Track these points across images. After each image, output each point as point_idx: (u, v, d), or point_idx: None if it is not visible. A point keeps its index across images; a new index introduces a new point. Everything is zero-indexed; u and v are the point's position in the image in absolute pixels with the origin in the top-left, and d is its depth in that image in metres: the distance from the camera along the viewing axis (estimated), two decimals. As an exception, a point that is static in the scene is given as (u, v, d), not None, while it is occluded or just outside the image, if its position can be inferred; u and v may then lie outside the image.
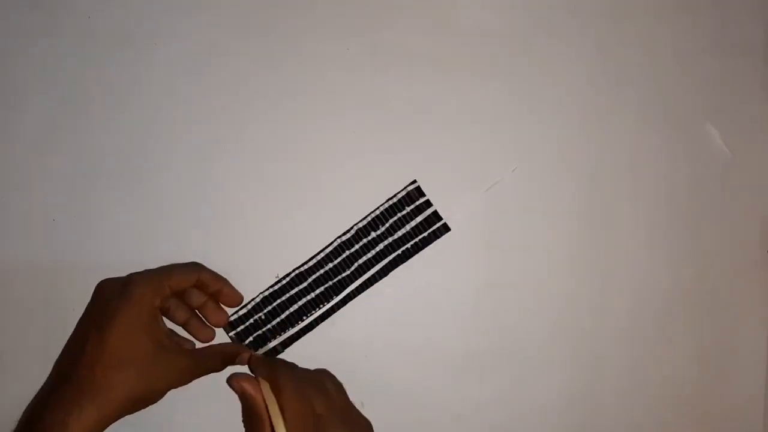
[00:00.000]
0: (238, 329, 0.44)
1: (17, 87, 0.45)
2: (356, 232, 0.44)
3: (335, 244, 0.44)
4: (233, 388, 0.37)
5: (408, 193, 0.44)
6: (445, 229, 0.44)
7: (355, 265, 0.44)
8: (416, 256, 0.44)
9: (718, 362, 0.46)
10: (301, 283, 0.44)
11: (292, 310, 0.44)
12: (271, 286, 0.44)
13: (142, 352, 0.37)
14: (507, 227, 0.45)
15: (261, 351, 0.43)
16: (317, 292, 0.44)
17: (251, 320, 0.43)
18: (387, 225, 0.44)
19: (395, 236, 0.44)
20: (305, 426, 0.35)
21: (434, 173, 0.46)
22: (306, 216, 0.45)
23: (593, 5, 0.46)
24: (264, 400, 0.36)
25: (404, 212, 0.44)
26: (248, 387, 0.37)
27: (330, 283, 0.44)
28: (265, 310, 0.44)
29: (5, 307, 0.45)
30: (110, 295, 0.38)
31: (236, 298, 0.42)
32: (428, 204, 0.44)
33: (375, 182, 0.45)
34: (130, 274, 0.40)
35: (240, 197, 0.45)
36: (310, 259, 0.44)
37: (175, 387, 0.38)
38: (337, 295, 0.44)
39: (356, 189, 0.45)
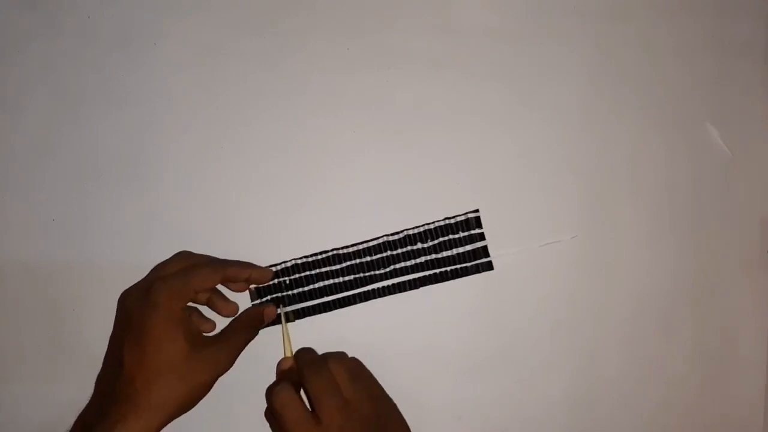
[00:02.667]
0: (260, 285, 0.44)
1: (17, 87, 0.45)
2: (404, 237, 0.44)
3: (381, 240, 0.44)
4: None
5: (467, 220, 0.44)
6: (489, 267, 0.44)
7: (392, 267, 0.44)
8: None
9: (717, 362, 0.46)
10: (334, 264, 0.44)
11: (316, 285, 0.44)
12: (306, 257, 0.44)
13: (178, 356, 0.37)
14: (506, 224, 0.45)
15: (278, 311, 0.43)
16: (347, 278, 0.44)
17: (276, 281, 0.43)
18: (436, 242, 0.44)
19: (439, 255, 0.44)
20: (337, 415, 0.36)
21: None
22: (305, 217, 0.45)
23: (593, 5, 0.46)
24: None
25: (456, 236, 0.44)
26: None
27: (362, 274, 0.44)
28: (292, 277, 0.44)
29: (5, 307, 0.45)
30: (134, 305, 0.38)
31: (266, 277, 0.43)
32: (481, 237, 0.44)
33: (372, 185, 0.46)
34: (151, 277, 0.40)
35: (242, 197, 0.45)
36: (353, 245, 0.44)
37: (219, 376, 0.39)
38: (363, 286, 0.44)
39: (357, 191, 0.45)
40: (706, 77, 0.47)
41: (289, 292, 0.44)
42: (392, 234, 0.44)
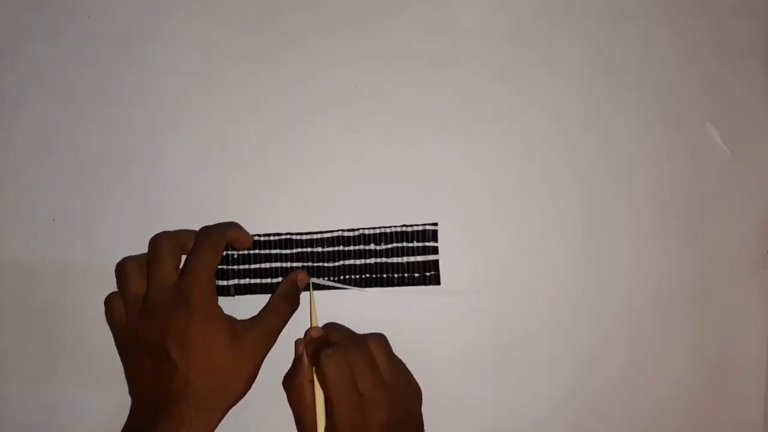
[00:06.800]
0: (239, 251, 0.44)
1: (17, 87, 0.45)
2: (359, 235, 0.44)
3: (336, 233, 0.44)
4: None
5: (424, 230, 0.44)
6: (436, 281, 0.44)
7: (340, 263, 0.44)
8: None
9: (717, 362, 0.46)
10: (285, 248, 0.44)
11: (263, 265, 0.44)
12: (259, 235, 0.44)
13: (224, 349, 0.38)
14: (507, 224, 0.45)
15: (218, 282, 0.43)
16: (294, 264, 0.44)
17: (224, 252, 0.44)
18: (389, 246, 0.44)
19: (390, 260, 0.44)
20: (350, 411, 0.37)
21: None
22: (305, 217, 0.45)
23: (594, 5, 0.46)
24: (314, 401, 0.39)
25: (410, 244, 0.44)
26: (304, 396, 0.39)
27: (309, 264, 0.44)
28: (241, 252, 0.44)
29: (5, 307, 0.45)
30: (170, 311, 0.38)
31: (248, 242, 0.43)
32: (435, 251, 0.44)
33: (372, 185, 0.46)
34: (161, 275, 0.39)
35: (242, 197, 0.45)
36: (307, 233, 0.44)
37: (266, 354, 0.39)
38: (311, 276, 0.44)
39: (357, 191, 0.45)
40: (706, 77, 0.47)
41: (234, 267, 0.44)
42: (348, 230, 0.44)
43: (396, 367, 0.40)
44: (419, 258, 0.44)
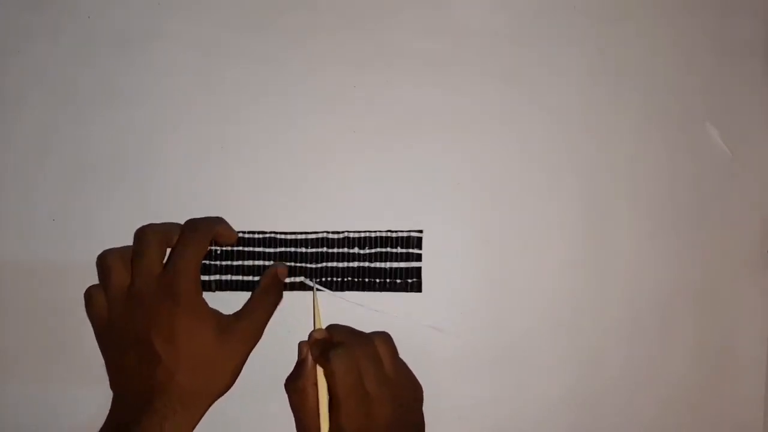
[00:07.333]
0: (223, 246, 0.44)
1: (17, 87, 0.45)
2: (344, 238, 0.44)
3: (321, 235, 0.44)
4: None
5: (409, 237, 0.44)
6: (418, 288, 0.44)
7: (323, 264, 0.44)
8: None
9: (717, 362, 0.46)
10: (269, 246, 0.44)
11: (245, 263, 0.44)
12: (243, 232, 0.43)
13: (209, 342, 0.37)
14: (507, 224, 0.45)
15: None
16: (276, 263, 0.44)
17: (207, 248, 0.43)
18: (372, 251, 0.44)
19: (373, 264, 0.44)
20: (356, 410, 0.37)
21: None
22: (304, 217, 0.45)
23: (594, 5, 0.46)
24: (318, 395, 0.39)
25: (394, 250, 0.44)
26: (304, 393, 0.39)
27: (291, 264, 0.44)
28: (224, 248, 0.44)
29: (5, 307, 0.45)
30: (157, 303, 0.37)
31: (233, 239, 0.43)
32: (419, 258, 0.44)
33: (372, 186, 0.46)
34: (144, 267, 0.38)
35: (241, 197, 0.45)
36: (291, 233, 0.44)
37: (252, 349, 0.39)
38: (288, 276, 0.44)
39: (357, 192, 0.45)
40: (706, 77, 0.47)
41: (217, 263, 0.44)
42: (333, 232, 0.44)
43: (399, 366, 0.41)
44: (402, 264, 0.44)
